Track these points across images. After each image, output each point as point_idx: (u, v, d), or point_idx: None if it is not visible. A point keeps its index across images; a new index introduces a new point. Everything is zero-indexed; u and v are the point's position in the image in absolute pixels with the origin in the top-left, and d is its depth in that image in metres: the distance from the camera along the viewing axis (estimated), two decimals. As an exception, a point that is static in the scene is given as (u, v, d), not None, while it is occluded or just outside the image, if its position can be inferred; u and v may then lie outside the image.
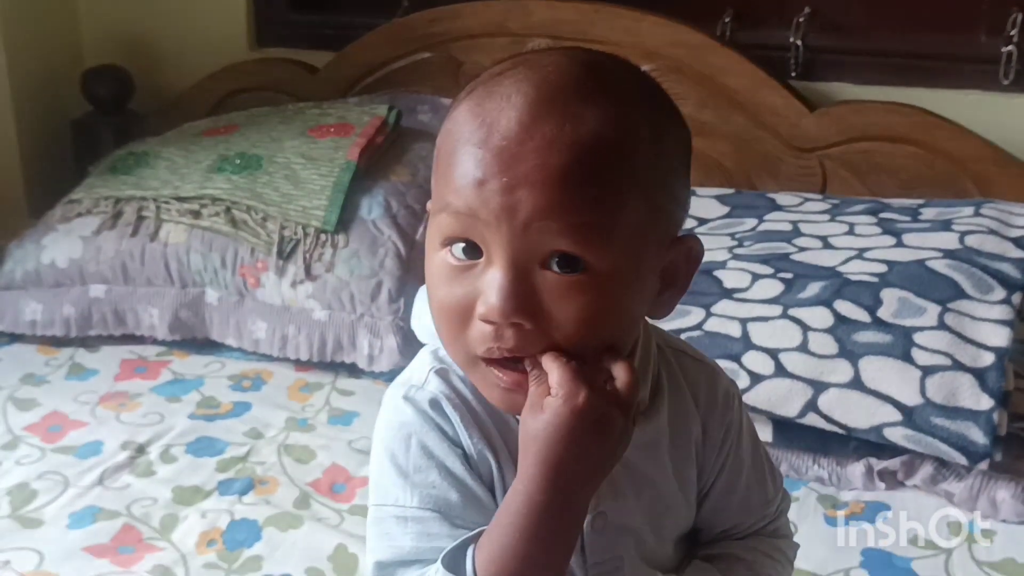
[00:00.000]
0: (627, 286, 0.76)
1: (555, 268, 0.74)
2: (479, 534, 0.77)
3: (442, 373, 0.83)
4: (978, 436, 1.57)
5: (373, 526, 0.83)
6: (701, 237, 0.83)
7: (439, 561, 0.77)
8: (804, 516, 1.59)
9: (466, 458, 0.81)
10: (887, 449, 1.65)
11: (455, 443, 0.81)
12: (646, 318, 0.84)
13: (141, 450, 1.78)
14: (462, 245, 0.75)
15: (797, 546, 1.02)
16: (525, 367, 0.76)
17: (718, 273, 1.89)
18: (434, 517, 0.79)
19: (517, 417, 0.79)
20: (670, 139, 0.79)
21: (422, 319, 0.87)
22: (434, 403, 0.81)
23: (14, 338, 2.14)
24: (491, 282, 0.74)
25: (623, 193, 0.74)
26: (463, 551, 0.77)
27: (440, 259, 0.77)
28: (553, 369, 0.74)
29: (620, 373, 0.76)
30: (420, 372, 0.84)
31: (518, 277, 0.73)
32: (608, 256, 0.74)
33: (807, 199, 2.19)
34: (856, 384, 1.65)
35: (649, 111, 0.78)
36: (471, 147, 0.74)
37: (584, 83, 0.75)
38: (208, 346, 2.13)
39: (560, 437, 0.73)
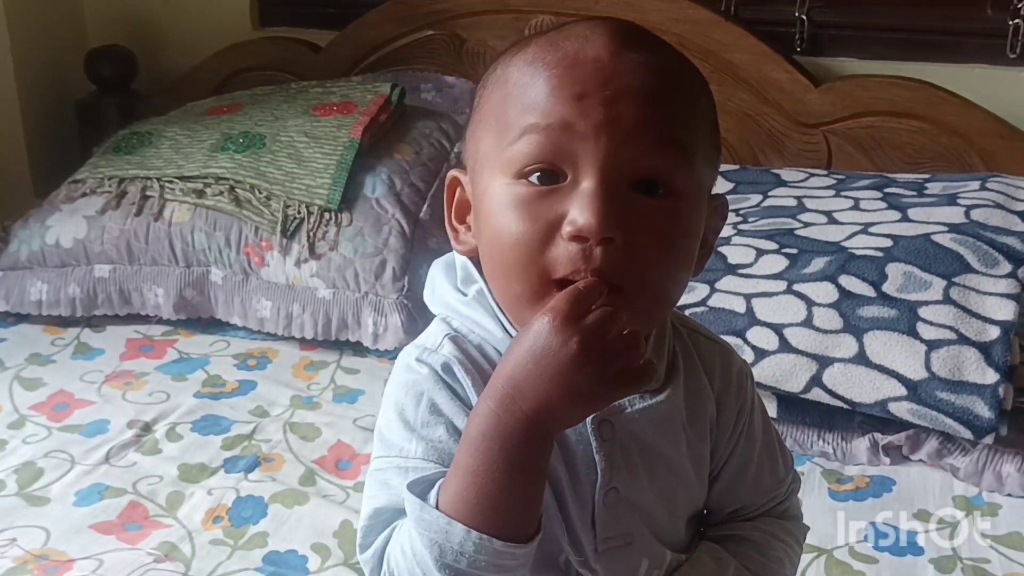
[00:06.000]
0: (696, 216, 0.80)
1: (639, 191, 0.76)
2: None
3: (456, 339, 0.83)
4: (983, 410, 1.57)
5: (373, 476, 0.82)
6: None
7: (406, 487, 0.76)
8: (809, 491, 1.59)
9: None
10: (892, 424, 1.65)
11: (466, 404, 0.80)
12: None
13: (147, 428, 1.79)
14: (539, 173, 0.76)
15: (807, 528, 1.02)
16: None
17: (723, 249, 1.88)
18: (436, 469, 0.78)
19: None
20: (710, 94, 0.83)
21: (436, 291, 0.88)
22: (446, 367, 0.81)
23: (20, 318, 2.15)
24: (583, 197, 0.74)
25: (698, 122, 0.79)
26: (433, 484, 0.76)
27: (512, 191, 0.77)
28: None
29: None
30: (434, 338, 0.84)
31: (611, 192, 0.74)
32: (687, 179, 0.77)
33: (812, 174, 2.19)
34: (861, 359, 1.65)
35: (694, 66, 0.83)
36: (561, 69, 0.76)
37: (643, 33, 0.80)
38: (213, 325, 2.13)
39: (523, 350, 0.73)
